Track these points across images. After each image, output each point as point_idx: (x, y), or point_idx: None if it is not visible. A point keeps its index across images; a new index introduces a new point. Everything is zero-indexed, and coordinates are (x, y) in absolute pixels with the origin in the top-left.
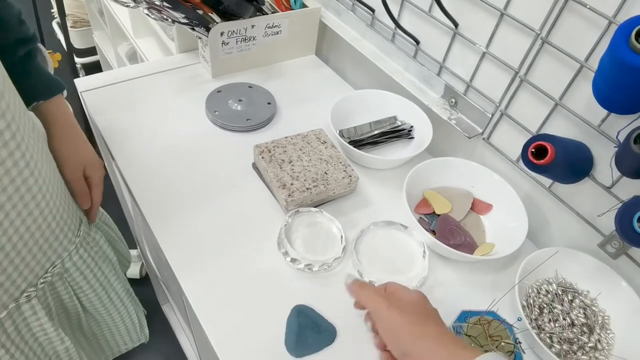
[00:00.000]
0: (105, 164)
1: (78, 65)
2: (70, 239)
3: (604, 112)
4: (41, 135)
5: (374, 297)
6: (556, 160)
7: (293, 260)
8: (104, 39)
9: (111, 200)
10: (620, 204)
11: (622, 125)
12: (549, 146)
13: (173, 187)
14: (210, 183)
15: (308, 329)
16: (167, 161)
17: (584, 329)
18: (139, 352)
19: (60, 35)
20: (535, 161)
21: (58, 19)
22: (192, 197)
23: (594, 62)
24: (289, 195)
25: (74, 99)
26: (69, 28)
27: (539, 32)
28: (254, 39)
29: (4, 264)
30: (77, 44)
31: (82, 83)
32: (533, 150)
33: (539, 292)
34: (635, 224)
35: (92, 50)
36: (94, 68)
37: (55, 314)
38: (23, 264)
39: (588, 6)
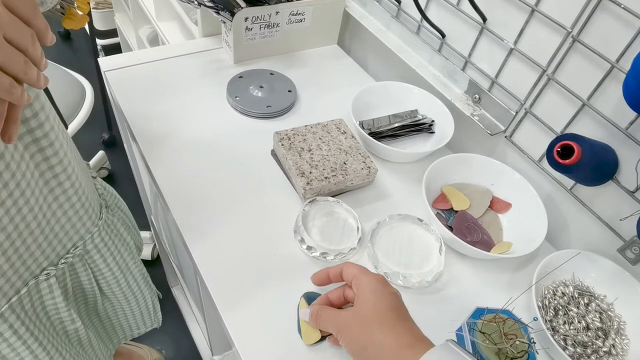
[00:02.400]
0: (125, 145)
1: (98, 47)
2: (94, 221)
3: (632, 114)
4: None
5: (333, 321)
6: (582, 161)
7: (309, 247)
8: (126, 22)
9: (126, 181)
10: None
11: None
12: (575, 146)
13: (192, 170)
14: (230, 168)
15: None
16: (187, 144)
17: (599, 333)
18: (147, 332)
19: None
20: (560, 160)
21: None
22: (211, 180)
23: (625, 63)
24: (308, 184)
25: (96, 78)
26: (91, 9)
27: (570, 30)
28: (277, 25)
29: (29, 241)
30: (98, 25)
31: (106, 63)
32: (559, 149)
33: (554, 294)
34: None
35: (112, 33)
36: (114, 50)
37: (72, 296)
38: (46, 242)
39: (622, 5)
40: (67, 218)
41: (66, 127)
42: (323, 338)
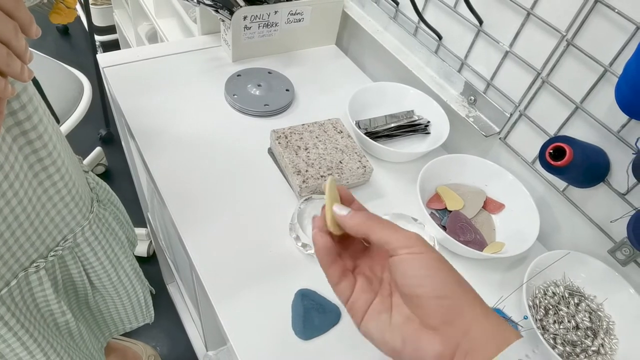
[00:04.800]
0: (123, 141)
1: (97, 43)
2: (85, 215)
3: (624, 118)
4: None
5: (400, 230)
6: (573, 163)
7: (304, 245)
8: (125, 18)
9: (123, 178)
10: (634, 211)
11: None
12: (567, 148)
13: (190, 167)
14: (226, 165)
15: (313, 310)
16: (184, 141)
17: (588, 332)
18: (143, 327)
19: (81, 12)
20: (552, 162)
21: None
22: (208, 177)
23: (618, 67)
24: (303, 182)
25: (94, 74)
26: (90, 5)
27: (564, 33)
28: (276, 25)
29: (17, 233)
30: (97, 21)
31: (104, 59)
32: (551, 151)
33: (545, 294)
34: None
35: (111, 29)
36: (112, 46)
37: (62, 288)
38: (35, 235)
39: (616, 10)
40: (56, 211)
41: (58, 122)
42: None
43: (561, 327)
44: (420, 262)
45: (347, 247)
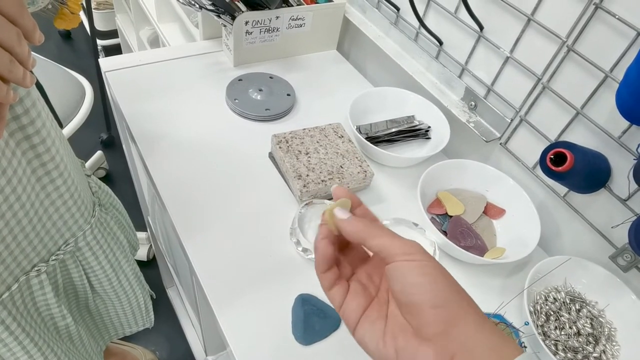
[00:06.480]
0: (124, 145)
1: (99, 47)
2: (86, 219)
3: (625, 123)
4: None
5: (398, 237)
6: (574, 169)
7: (304, 250)
8: (127, 23)
9: (124, 182)
10: (636, 217)
11: None
12: (568, 154)
13: (190, 171)
14: (227, 170)
15: (314, 315)
16: (185, 145)
17: (590, 339)
18: (142, 331)
19: (84, 17)
20: (553, 168)
21: (82, 0)
22: (209, 182)
23: (619, 73)
24: (304, 186)
25: (96, 78)
26: (92, 9)
27: (565, 39)
28: (277, 30)
29: (20, 237)
30: (99, 25)
31: (106, 63)
32: (552, 156)
33: (546, 299)
34: None
35: (113, 33)
36: (115, 51)
37: (63, 292)
38: (37, 239)
39: (617, 16)
40: (59, 215)
41: (61, 126)
42: None
43: (562, 333)
44: (418, 270)
45: (348, 254)
